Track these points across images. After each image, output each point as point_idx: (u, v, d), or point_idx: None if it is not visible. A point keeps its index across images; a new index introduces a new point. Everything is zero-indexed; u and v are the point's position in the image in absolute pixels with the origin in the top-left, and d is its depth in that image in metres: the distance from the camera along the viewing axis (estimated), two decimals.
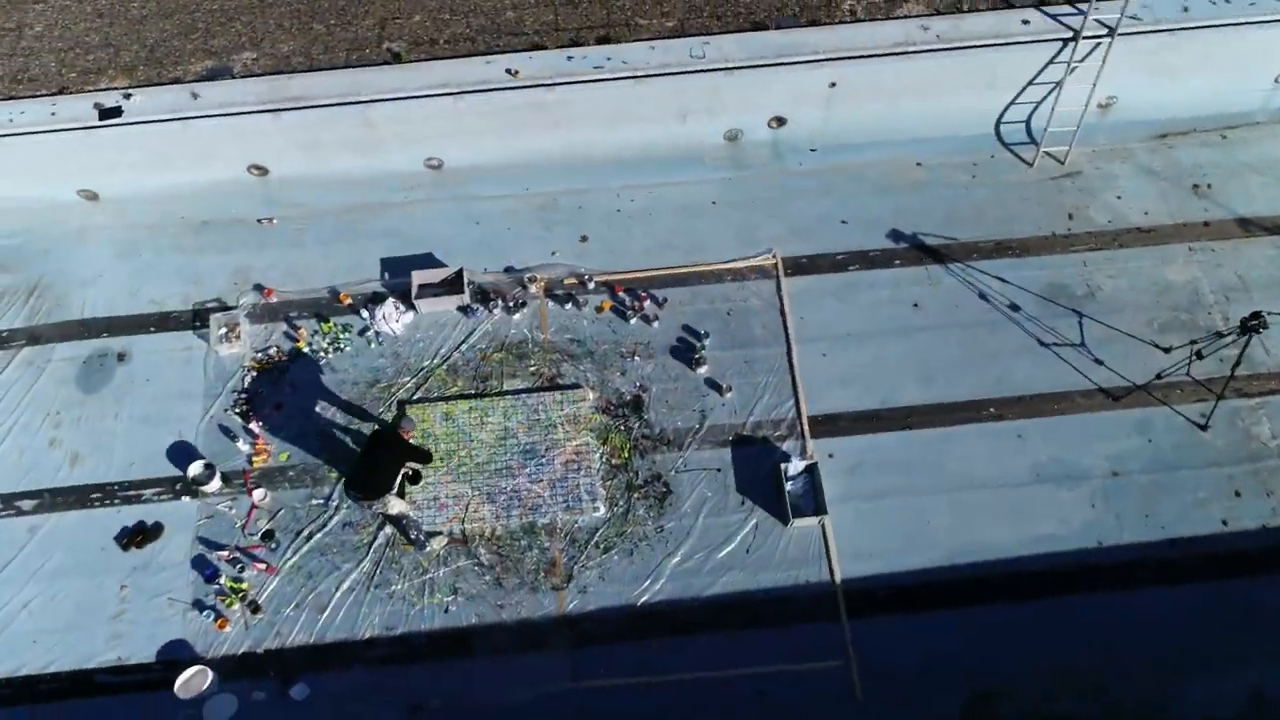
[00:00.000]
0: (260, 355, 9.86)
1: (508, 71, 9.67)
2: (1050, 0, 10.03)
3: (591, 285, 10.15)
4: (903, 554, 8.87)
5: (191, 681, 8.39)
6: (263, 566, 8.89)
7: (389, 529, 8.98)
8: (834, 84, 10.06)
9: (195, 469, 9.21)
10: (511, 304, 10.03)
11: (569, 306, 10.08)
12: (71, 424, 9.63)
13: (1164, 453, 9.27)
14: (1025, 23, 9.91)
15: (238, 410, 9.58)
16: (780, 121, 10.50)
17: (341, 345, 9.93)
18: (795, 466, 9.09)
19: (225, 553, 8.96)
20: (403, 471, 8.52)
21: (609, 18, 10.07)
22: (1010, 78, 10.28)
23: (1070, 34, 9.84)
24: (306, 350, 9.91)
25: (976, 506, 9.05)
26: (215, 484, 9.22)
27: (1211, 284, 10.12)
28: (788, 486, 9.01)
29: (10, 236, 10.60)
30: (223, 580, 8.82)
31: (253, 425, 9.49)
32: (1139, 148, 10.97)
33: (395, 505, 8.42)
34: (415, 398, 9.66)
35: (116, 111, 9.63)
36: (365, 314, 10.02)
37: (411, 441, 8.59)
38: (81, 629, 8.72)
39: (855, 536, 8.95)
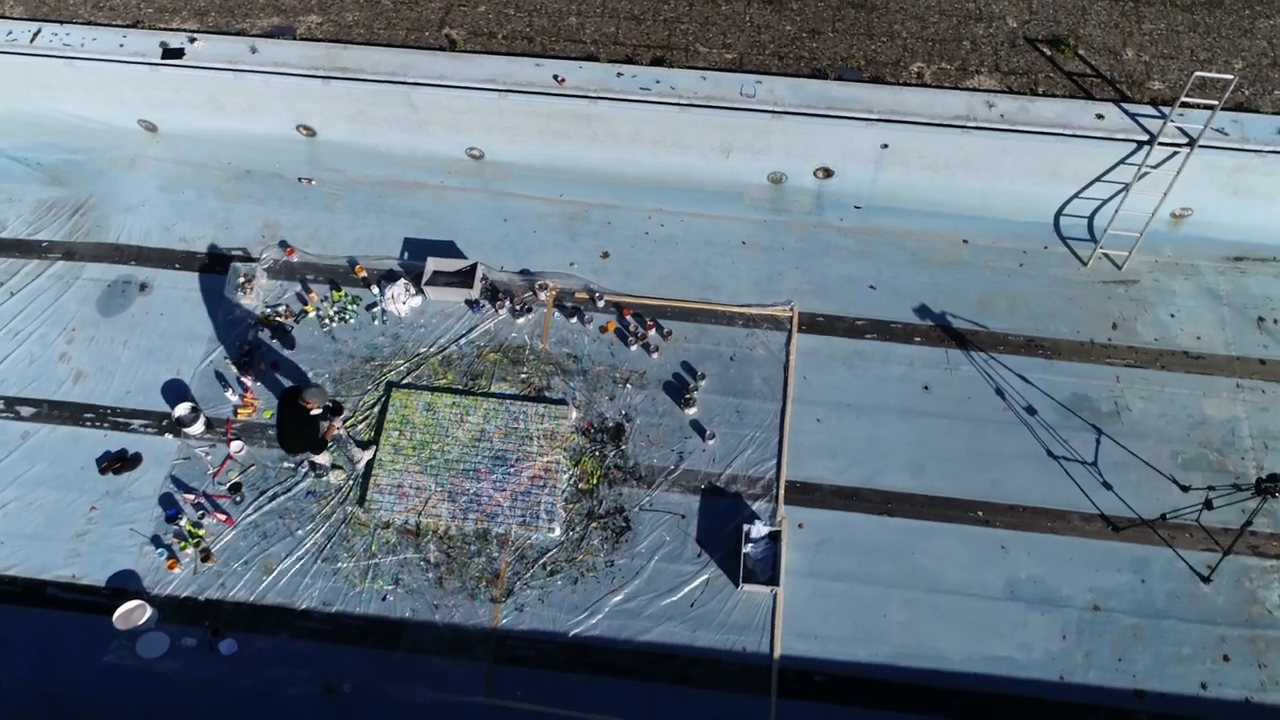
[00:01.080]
0: (269, 311, 10.06)
1: (555, 78, 9.58)
2: (1132, 98, 9.40)
3: (601, 304, 10.02)
4: (850, 643, 8.52)
5: (131, 614, 8.65)
6: (223, 517, 9.09)
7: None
8: (886, 146, 9.65)
9: (182, 409, 9.47)
10: (519, 307, 9.99)
11: (574, 321, 9.97)
12: (83, 343, 10.01)
13: (1155, 597, 8.65)
14: (1100, 117, 9.32)
15: (236, 361, 9.80)
16: (827, 173, 10.15)
17: (347, 317, 10.05)
18: (759, 530, 8.81)
19: (192, 496, 9.19)
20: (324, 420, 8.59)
21: (669, 39, 9.88)
22: (1076, 171, 9.69)
23: (1146, 137, 9.21)
24: (313, 315, 10.07)
25: (938, 610, 8.62)
26: (198, 427, 9.47)
27: (1253, 427, 9.38)
28: (747, 548, 8.74)
29: (73, 152, 11.07)
30: (183, 523, 9.05)
31: (246, 378, 9.71)
32: (1207, 266, 10.22)
33: (324, 458, 8.83)
34: (404, 382, 9.72)
35: (179, 53, 9.93)
36: (376, 290, 10.12)
37: (314, 412, 8.37)
38: (46, 540, 9.08)
39: (805, 614, 8.64)
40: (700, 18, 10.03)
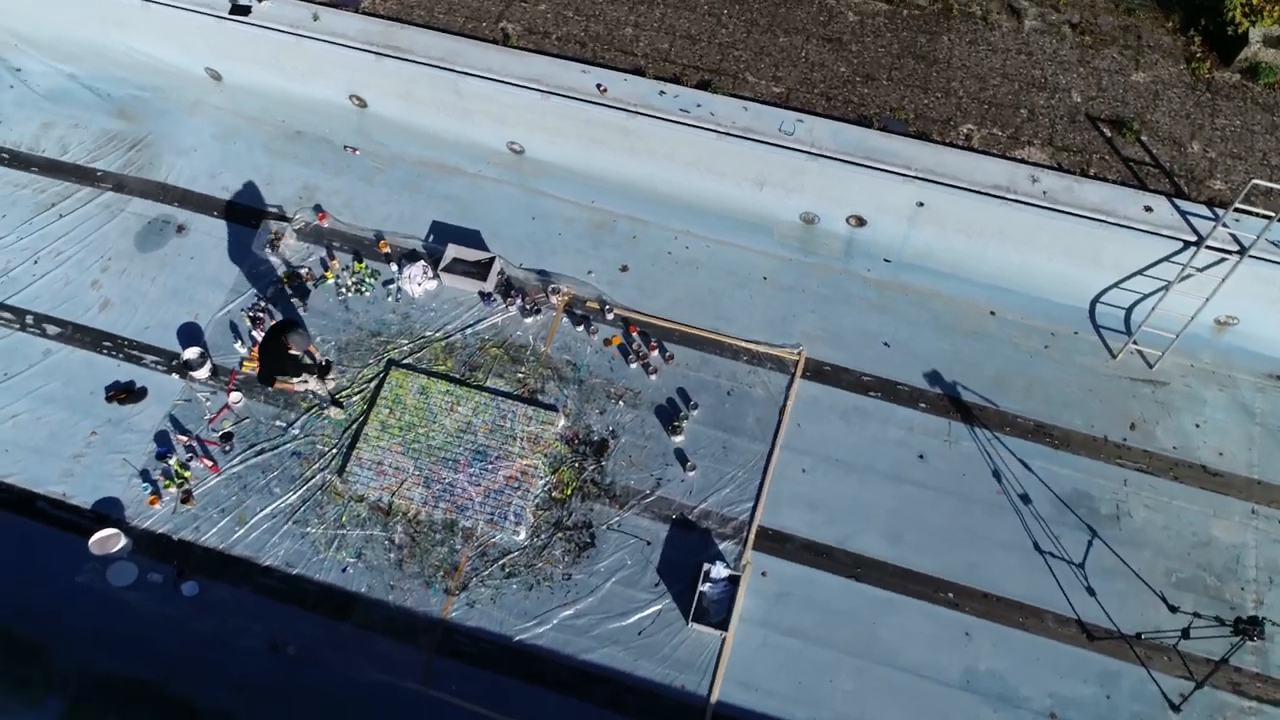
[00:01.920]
0: (291, 271, 10.31)
1: (598, 87, 9.56)
2: (1187, 194, 8.94)
3: (610, 316, 9.99)
4: (790, 701, 8.35)
5: (107, 541, 9.00)
6: (209, 464, 9.37)
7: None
8: (921, 204, 9.37)
9: (191, 353, 9.79)
10: (529, 306, 10.03)
11: (580, 329, 9.97)
12: (116, 273, 10.43)
13: (1119, 715, 8.25)
14: (1148, 209, 8.88)
15: (251, 315, 10.08)
16: (860, 221, 9.91)
17: (364, 289, 10.24)
18: (719, 571, 8.69)
19: (185, 438, 9.50)
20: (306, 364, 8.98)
21: (720, 64, 9.76)
22: (1117, 260, 9.26)
23: (1195, 238, 8.75)
24: (332, 282, 10.29)
25: (888, 686, 8.38)
26: (204, 373, 9.78)
27: (1261, 558, 8.86)
28: (703, 587, 8.63)
29: (141, 89, 11.51)
30: (172, 462, 9.36)
31: (257, 333, 9.97)
32: (1246, 380, 9.67)
33: (323, 389, 9.10)
34: (405, 362, 9.86)
35: (246, 9, 10.21)
36: (395, 268, 10.29)
37: (291, 351, 8.78)
38: (46, 455, 9.51)
39: (751, 664, 8.50)
40: (756, 46, 9.88)
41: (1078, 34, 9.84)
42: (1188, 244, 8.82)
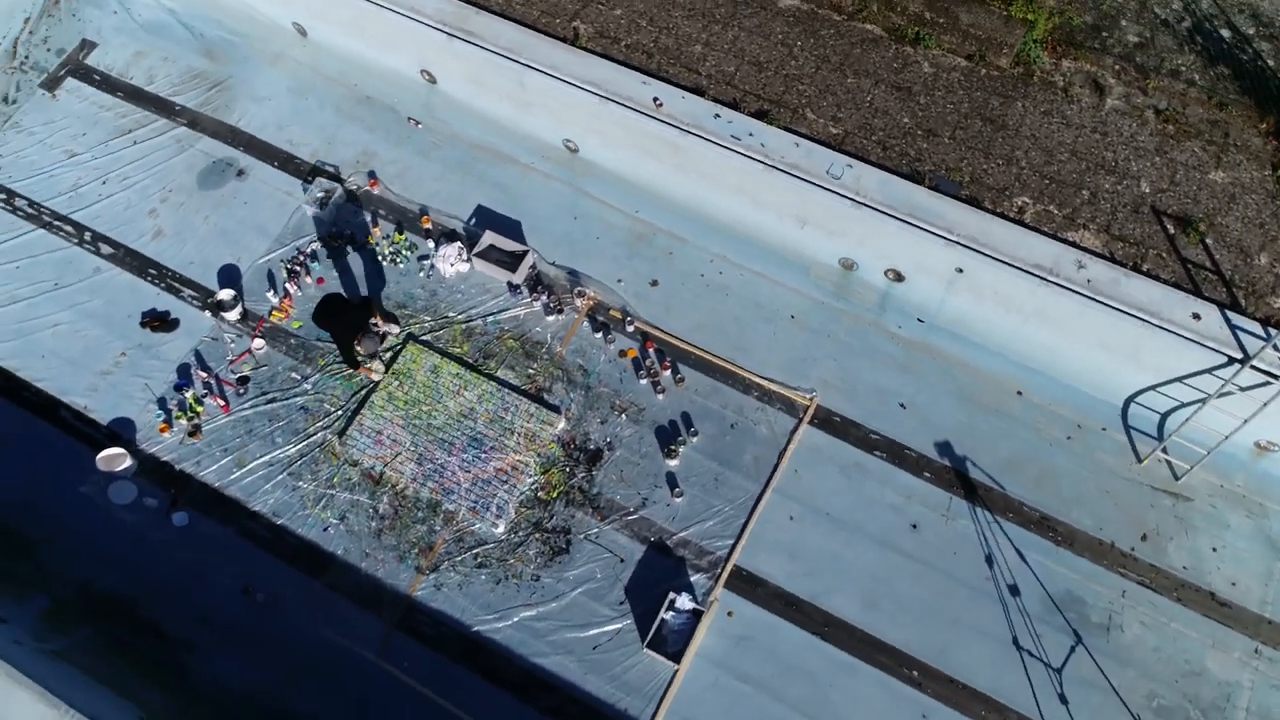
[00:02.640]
0: (334, 230, 10.57)
1: (654, 100, 9.53)
2: (1243, 308, 8.45)
3: (630, 328, 9.97)
4: None
5: (113, 459, 9.40)
6: (222, 404, 9.70)
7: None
8: (961, 270, 9.09)
9: (226, 294, 10.13)
10: (553, 305, 10.08)
11: (598, 335, 9.98)
12: (174, 206, 10.85)
13: None
14: (1196, 317, 8.43)
15: (289, 267, 10.37)
16: (898, 276, 9.66)
17: (399, 260, 10.43)
18: (685, 602, 8.62)
19: (205, 375, 9.86)
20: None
21: (782, 96, 9.61)
22: (1156, 363, 8.83)
23: (1240, 356, 8.27)
24: (372, 247, 10.51)
25: None
26: (234, 315, 10.11)
27: (1255, 702, 8.36)
28: (666, 615, 8.58)
29: (231, 33, 11.92)
30: (188, 395, 9.72)
31: (291, 285, 10.26)
32: (1278, 511, 9.13)
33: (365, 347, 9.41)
34: (423, 338, 10.02)
35: None
36: (433, 245, 10.45)
37: (376, 328, 9.54)
38: (77, 367, 9.97)
39: (698, 701, 8.42)
40: (822, 83, 9.70)
41: (1161, 121, 9.38)
42: (1233, 360, 8.35)
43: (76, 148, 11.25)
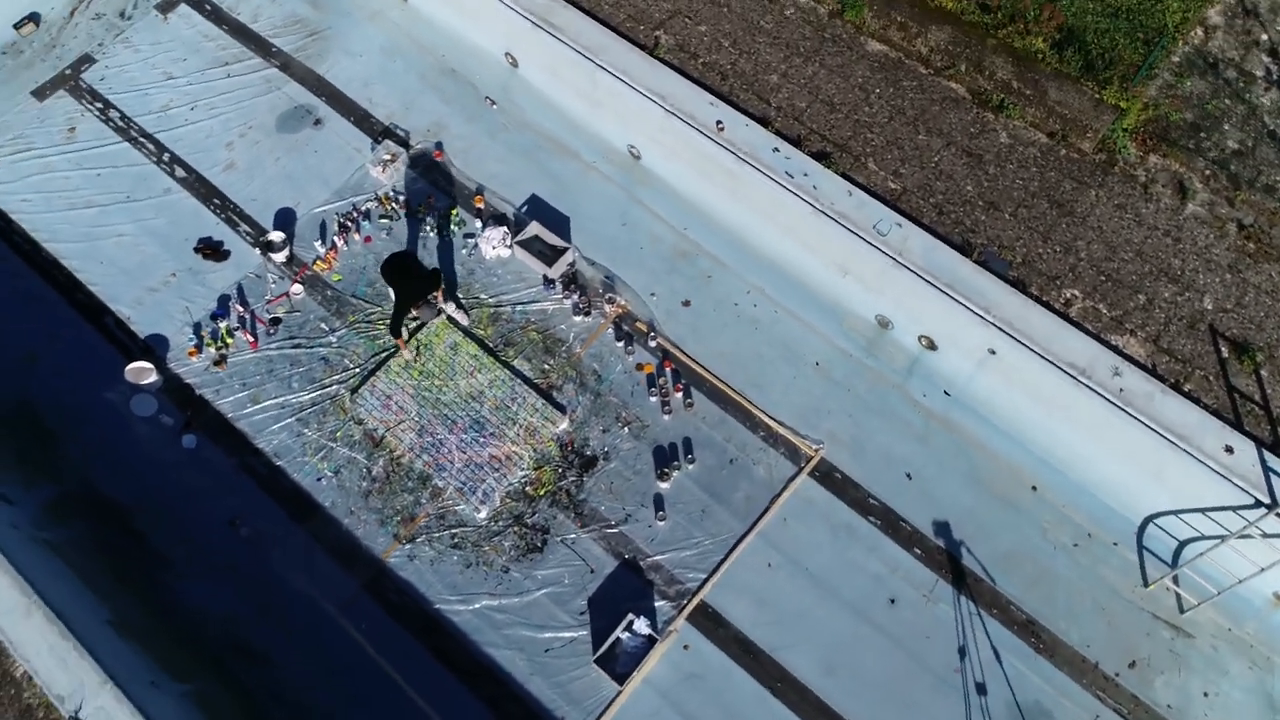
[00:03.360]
0: (390, 194, 10.82)
1: (716, 123, 9.43)
2: None
3: (652, 344, 9.93)
4: None
5: (141, 372, 9.84)
6: (251, 340, 10.05)
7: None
8: (993, 351, 8.76)
9: (276, 236, 10.48)
10: (582, 306, 10.11)
11: (620, 344, 9.97)
12: (249, 143, 11.26)
13: None
14: (1229, 450, 7.94)
15: (341, 221, 10.66)
16: (931, 344, 9.38)
17: (446, 234, 10.61)
18: (641, 626, 8.57)
19: (242, 309, 10.22)
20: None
21: (847, 141, 9.40)
22: (1178, 487, 8.35)
23: (1268, 500, 7.76)
24: (423, 217, 10.71)
25: None
26: (280, 257, 10.45)
27: None
28: (621, 634, 8.55)
29: None
30: (222, 326, 10.10)
31: (339, 239, 10.55)
32: None
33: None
34: (450, 314, 10.19)
35: None
36: (480, 225, 10.59)
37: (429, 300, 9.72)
38: (129, 277, 10.45)
39: None
40: (890, 135, 9.45)
41: (1242, 237, 8.85)
42: (1260, 503, 7.84)
43: (175, 71, 11.77)
